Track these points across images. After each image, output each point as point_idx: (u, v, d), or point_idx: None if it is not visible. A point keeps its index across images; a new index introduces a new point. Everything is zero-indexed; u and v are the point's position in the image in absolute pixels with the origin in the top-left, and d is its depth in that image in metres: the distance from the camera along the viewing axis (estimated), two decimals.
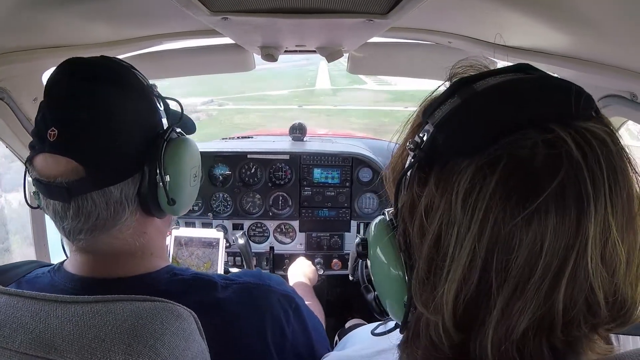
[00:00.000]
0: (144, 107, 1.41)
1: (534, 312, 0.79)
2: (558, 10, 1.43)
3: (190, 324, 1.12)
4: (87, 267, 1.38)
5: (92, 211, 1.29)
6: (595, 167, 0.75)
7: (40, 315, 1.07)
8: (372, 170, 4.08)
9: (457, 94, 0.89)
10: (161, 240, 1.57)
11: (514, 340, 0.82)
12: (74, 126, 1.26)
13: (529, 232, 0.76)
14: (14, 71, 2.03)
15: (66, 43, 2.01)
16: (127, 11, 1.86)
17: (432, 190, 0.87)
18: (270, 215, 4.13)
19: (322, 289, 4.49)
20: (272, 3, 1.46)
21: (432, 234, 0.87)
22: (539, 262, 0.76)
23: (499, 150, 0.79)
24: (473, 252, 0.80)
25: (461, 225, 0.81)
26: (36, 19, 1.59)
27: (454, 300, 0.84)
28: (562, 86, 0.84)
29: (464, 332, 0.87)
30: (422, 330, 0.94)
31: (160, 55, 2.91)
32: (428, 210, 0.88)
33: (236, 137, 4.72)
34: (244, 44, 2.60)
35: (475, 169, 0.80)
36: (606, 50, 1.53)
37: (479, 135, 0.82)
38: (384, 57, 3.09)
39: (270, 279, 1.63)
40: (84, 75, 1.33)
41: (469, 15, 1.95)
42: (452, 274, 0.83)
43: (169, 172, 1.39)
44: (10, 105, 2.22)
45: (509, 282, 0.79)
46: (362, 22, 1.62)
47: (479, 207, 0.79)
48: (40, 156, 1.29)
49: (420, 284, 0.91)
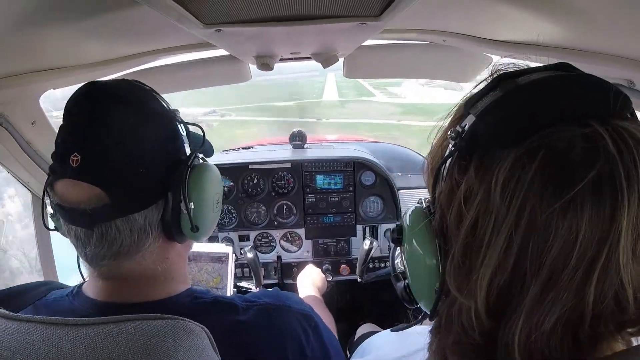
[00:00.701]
0: (167, 132, 1.40)
1: (565, 303, 0.81)
2: (550, 2, 1.42)
3: (203, 339, 1.12)
4: (109, 293, 1.37)
5: (115, 238, 1.28)
6: (630, 163, 0.76)
7: (52, 339, 1.07)
8: (375, 173, 4.09)
9: (499, 87, 0.94)
10: (182, 265, 1.56)
11: (545, 331, 0.83)
12: (98, 152, 1.24)
13: (564, 222, 0.78)
14: (11, 96, 2.04)
15: (61, 65, 2.01)
16: (121, 29, 1.86)
17: (472, 178, 0.90)
18: (276, 225, 4.12)
19: (332, 295, 4.49)
20: (264, 12, 1.46)
21: (469, 219, 0.90)
22: (573, 252, 0.78)
23: (537, 141, 0.81)
24: (509, 238, 0.83)
25: (499, 211, 0.84)
26: (30, 42, 1.59)
27: (487, 286, 0.87)
28: (602, 85, 0.87)
29: (495, 320, 0.90)
30: (454, 316, 0.97)
31: (157, 71, 2.90)
32: (467, 196, 0.91)
33: (237, 149, 4.72)
34: (239, 55, 2.60)
35: (515, 158, 0.82)
36: (601, 40, 1.53)
37: (519, 127, 0.86)
38: (380, 59, 3.09)
39: (289, 299, 1.63)
40: (106, 100, 1.32)
41: (461, 12, 1.95)
42: (488, 260, 0.86)
43: (193, 199, 1.38)
44: (9, 130, 2.22)
45: (543, 271, 0.81)
46: (355, 25, 1.61)
47: (517, 195, 0.82)
48: (62, 182, 1.27)
49: (456, 269, 0.94)
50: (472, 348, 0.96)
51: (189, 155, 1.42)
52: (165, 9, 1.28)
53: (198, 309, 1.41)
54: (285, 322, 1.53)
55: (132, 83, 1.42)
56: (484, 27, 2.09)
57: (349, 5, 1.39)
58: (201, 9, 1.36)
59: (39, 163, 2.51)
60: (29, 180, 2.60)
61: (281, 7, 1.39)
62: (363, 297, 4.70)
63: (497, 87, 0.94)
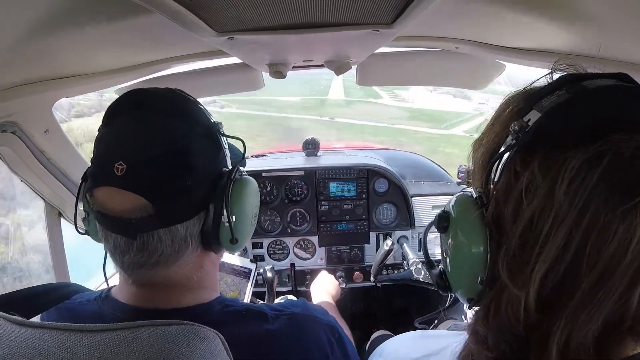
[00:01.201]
0: (212, 144, 1.40)
1: (612, 303, 0.84)
2: (562, 9, 1.42)
3: (217, 344, 1.12)
4: (141, 298, 1.37)
5: (157, 248, 1.28)
6: None
7: (67, 345, 1.07)
8: (388, 181, 4.10)
9: (566, 88, 0.96)
10: (215, 273, 1.57)
11: (589, 328, 0.86)
12: (145, 163, 1.23)
13: (622, 226, 0.81)
14: (24, 104, 2.04)
15: (74, 73, 2.02)
16: (134, 37, 1.86)
17: (536, 173, 0.91)
18: (289, 232, 4.13)
19: (346, 302, 4.49)
20: (276, 20, 1.46)
21: (529, 212, 0.92)
22: (627, 255, 0.81)
23: (604, 145, 0.83)
24: (569, 235, 0.85)
25: (561, 208, 0.86)
26: (43, 50, 1.59)
27: (542, 279, 0.89)
28: None
29: (542, 314, 0.92)
30: (502, 306, 0.98)
31: (170, 78, 2.90)
32: (528, 190, 0.93)
33: (250, 156, 4.73)
34: (252, 63, 2.60)
35: (582, 159, 0.84)
36: (613, 46, 1.52)
37: (587, 129, 0.87)
38: (392, 67, 3.09)
39: (315, 310, 1.63)
40: (154, 109, 1.32)
41: (473, 19, 1.95)
42: (546, 254, 0.88)
43: (234, 212, 1.38)
44: (22, 138, 2.23)
45: (595, 271, 0.84)
46: (368, 33, 1.62)
47: (581, 194, 0.84)
48: (105, 189, 1.26)
49: (510, 260, 0.96)
50: (515, 339, 0.97)
51: (232, 169, 1.42)
52: (178, 17, 1.28)
53: (228, 317, 1.42)
54: (313, 333, 1.53)
55: (177, 93, 1.42)
56: (497, 34, 2.09)
57: (362, 13, 1.39)
58: (214, 17, 1.36)
59: (52, 171, 2.52)
60: (42, 189, 2.61)
61: (294, 15, 1.39)
62: (376, 304, 4.69)
63: (563, 87, 0.97)
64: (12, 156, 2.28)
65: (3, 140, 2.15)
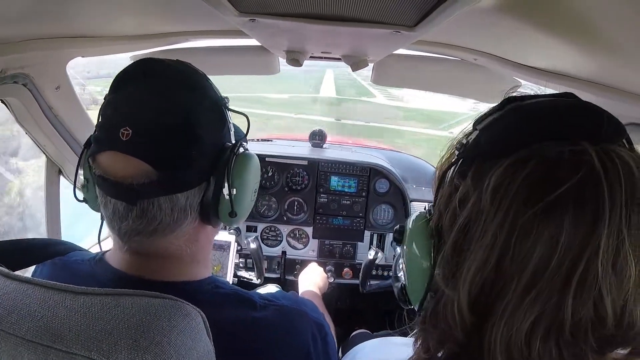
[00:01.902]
0: (218, 118, 1.40)
1: (543, 304, 0.87)
2: (585, 34, 1.42)
3: (198, 323, 1.12)
4: (133, 266, 1.37)
5: (156, 215, 1.28)
6: (615, 181, 0.83)
7: (49, 304, 1.07)
8: (389, 182, 4.11)
9: (505, 107, 1.04)
10: (208, 249, 1.57)
11: (524, 331, 0.89)
12: (151, 129, 1.23)
13: (546, 226, 0.85)
14: (38, 58, 2.04)
15: (91, 34, 2.02)
16: (155, 6, 1.86)
17: (469, 183, 0.99)
18: (285, 220, 4.15)
19: (332, 297, 4.49)
20: (301, 8, 1.46)
21: (462, 219, 0.98)
22: (554, 256, 0.85)
23: (529, 152, 0.90)
24: (494, 237, 0.90)
25: (488, 213, 0.92)
26: (63, 7, 1.59)
27: (471, 279, 0.94)
28: (596, 111, 0.97)
29: (478, 317, 0.96)
30: (440, 311, 1.04)
31: (185, 52, 2.91)
32: (462, 200, 1.00)
33: (255, 140, 4.73)
34: (270, 47, 2.60)
35: (507, 165, 0.91)
36: (632, 78, 1.52)
37: (514, 140, 0.95)
38: (409, 70, 3.09)
39: (306, 305, 1.64)
40: (162, 78, 1.32)
41: (495, 33, 1.94)
42: (474, 256, 0.94)
43: (235, 185, 1.39)
44: (32, 92, 2.23)
45: (525, 273, 0.88)
46: (389, 33, 1.61)
47: (505, 197, 0.89)
48: (109, 153, 1.25)
49: (445, 264, 1.02)
50: (456, 344, 1.02)
51: (235, 143, 1.44)
52: None
53: (217, 298, 1.43)
54: (299, 327, 1.54)
55: (187, 65, 1.42)
56: (516, 50, 2.08)
57: (386, 12, 1.39)
58: None
59: (58, 128, 2.53)
60: (45, 144, 2.60)
61: (318, 5, 1.39)
62: (362, 304, 4.69)
63: (503, 107, 1.04)
64: (20, 108, 2.28)
65: (13, 91, 2.14)
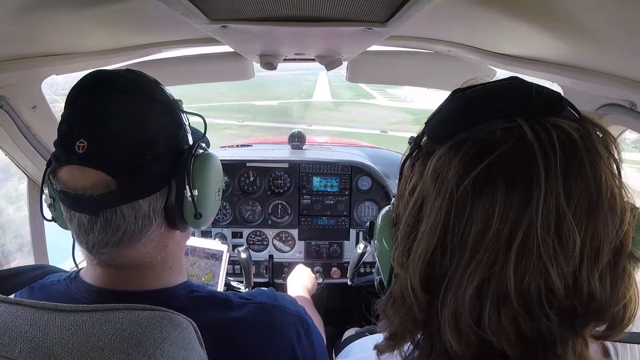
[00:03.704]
0: (172, 121, 1.41)
1: (484, 273, 0.87)
2: (557, 20, 1.43)
3: (190, 333, 1.12)
4: (106, 280, 1.37)
5: (120, 224, 1.28)
6: (550, 150, 0.83)
7: (40, 324, 1.07)
8: (372, 179, 4.11)
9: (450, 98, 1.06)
10: (180, 254, 1.57)
11: (466, 301, 0.90)
12: (105, 138, 1.24)
13: (480, 200, 0.87)
14: (13, 79, 2.04)
15: (65, 51, 2.02)
16: (125, 19, 1.86)
17: (415, 171, 1.03)
18: (270, 224, 4.14)
19: (321, 297, 4.50)
20: (271, 12, 1.47)
21: (411, 205, 1.01)
22: (491, 228, 0.86)
23: (466, 134, 0.92)
24: (437, 217, 0.93)
25: (430, 196, 0.95)
26: (35, 26, 1.59)
27: (420, 259, 0.96)
28: (526, 86, 0.96)
29: (431, 295, 0.98)
30: (398, 293, 1.04)
31: (159, 63, 2.90)
32: (412, 188, 1.03)
33: (235, 145, 4.73)
34: (243, 52, 2.60)
35: (445, 150, 0.94)
36: (605, 60, 1.53)
37: (453, 125, 0.97)
38: (384, 66, 3.11)
39: (284, 300, 1.64)
40: (113, 88, 1.33)
41: (468, 24, 1.95)
42: (420, 236, 0.97)
43: (197, 187, 1.39)
44: (9, 113, 2.23)
45: (467, 247, 0.89)
46: (361, 30, 1.62)
47: (443, 179, 0.92)
48: (67, 168, 1.26)
49: (400, 248, 1.05)
50: (415, 324, 1.04)
51: (192, 144, 1.43)
52: (171, 2, 1.28)
53: (193, 302, 1.42)
54: (280, 323, 1.54)
55: (136, 73, 1.43)
56: (490, 40, 2.10)
57: (356, 10, 1.39)
58: (208, 4, 1.36)
59: (37, 148, 2.51)
60: (26, 164, 2.60)
61: (288, 7, 1.40)
62: (352, 302, 4.70)
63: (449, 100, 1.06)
64: None
65: None
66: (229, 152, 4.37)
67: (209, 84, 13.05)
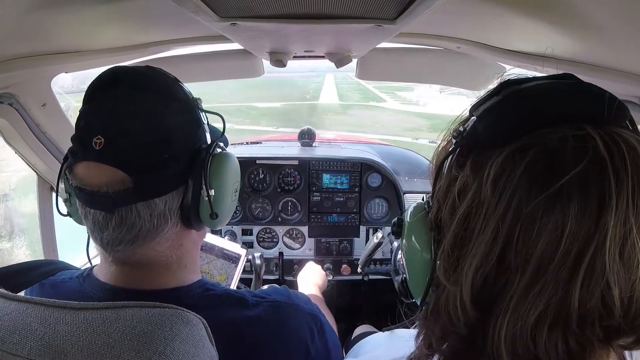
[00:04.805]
0: (190, 119, 1.40)
1: (550, 297, 0.84)
2: (566, 16, 1.43)
3: (200, 330, 1.12)
4: (121, 278, 1.37)
5: (135, 222, 1.28)
6: (621, 166, 0.80)
7: (50, 321, 1.07)
8: (381, 176, 4.10)
9: (502, 92, 0.99)
10: (195, 253, 1.56)
11: (529, 325, 0.86)
12: (123, 136, 1.24)
13: (551, 216, 0.82)
14: (23, 77, 2.04)
15: (74, 49, 2.02)
16: (136, 17, 1.86)
17: (467, 173, 0.96)
18: (280, 221, 4.14)
19: (332, 294, 4.50)
20: (280, 9, 1.46)
21: (462, 211, 0.95)
22: (559, 248, 0.82)
23: (530, 139, 0.87)
24: (497, 230, 0.88)
25: (489, 204, 0.89)
26: (44, 24, 1.59)
27: (473, 274, 0.92)
28: (598, 92, 0.91)
29: (481, 311, 0.94)
30: (442, 305, 1.01)
31: (169, 61, 2.89)
32: (461, 190, 0.97)
33: (245, 143, 4.73)
34: (253, 50, 2.60)
35: (507, 154, 0.88)
36: (615, 56, 1.53)
37: (514, 126, 0.91)
38: (394, 63, 3.10)
39: (298, 298, 1.64)
40: (132, 85, 1.32)
41: (477, 20, 1.95)
42: (475, 249, 0.91)
43: (214, 186, 1.38)
44: (19, 110, 2.23)
45: (529, 265, 0.85)
46: (370, 27, 1.62)
47: (507, 188, 0.86)
48: (84, 164, 1.26)
49: (445, 257, 0.99)
50: (459, 339, 1.00)
51: (211, 143, 1.42)
52: (181, 0, 1.28)
53: (208, 301, 1.42)
54: (294, 321, 1.54)
55: (156, 70, 1.42)
56: (499, 36, 2.09)
57: (366, 7, 1.39)
58: (217, 1, 1.36)
59: (46, 145, 2.52)
60: (35, 162, 2.60)
61: (298, 4, 1.39)
62: (362, 299, 4.70)
63: (500, 92, 0.99)
64: (8, 128, 2.28)
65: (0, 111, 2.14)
66: (238, 150, 4.37)
67: (209, 84, 12.57)
